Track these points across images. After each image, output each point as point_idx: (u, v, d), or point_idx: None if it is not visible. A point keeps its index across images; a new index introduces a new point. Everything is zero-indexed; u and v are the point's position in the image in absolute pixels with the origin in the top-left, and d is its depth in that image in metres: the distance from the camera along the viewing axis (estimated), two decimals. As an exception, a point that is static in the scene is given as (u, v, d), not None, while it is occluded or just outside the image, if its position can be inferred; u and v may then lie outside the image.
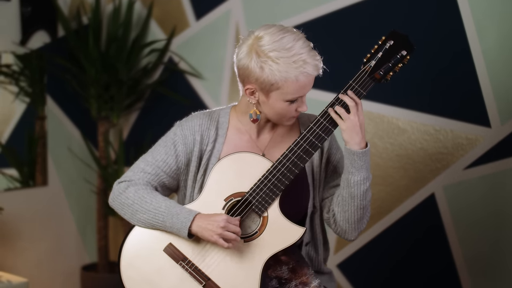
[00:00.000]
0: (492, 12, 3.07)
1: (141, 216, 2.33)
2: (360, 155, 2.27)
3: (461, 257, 3.25)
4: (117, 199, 2.39)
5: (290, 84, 2.23)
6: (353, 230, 2.39)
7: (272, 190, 2.27)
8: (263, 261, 2.27)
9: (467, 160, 3.19)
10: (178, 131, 2.43)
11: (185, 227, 2.26)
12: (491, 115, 3.10)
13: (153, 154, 2.43)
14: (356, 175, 2.29)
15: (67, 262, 4.48)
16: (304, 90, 2.27)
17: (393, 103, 3.36)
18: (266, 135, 2.44)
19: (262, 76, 2.24)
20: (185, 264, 2.30)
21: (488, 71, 3.08)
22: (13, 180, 4.22)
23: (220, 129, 2.43)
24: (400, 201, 3.39)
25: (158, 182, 2.41)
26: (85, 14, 4.39)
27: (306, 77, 2.24)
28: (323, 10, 3.54)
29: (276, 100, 2.27)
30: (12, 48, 4.12)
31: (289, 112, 2.31)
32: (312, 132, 2.28)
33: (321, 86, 3.49)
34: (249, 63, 2.26)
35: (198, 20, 4.10)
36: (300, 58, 2.22)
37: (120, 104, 4.30)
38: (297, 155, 2.27)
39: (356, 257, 3.58)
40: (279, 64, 2.21)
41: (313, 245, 2.48)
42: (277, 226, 2.27)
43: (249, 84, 2.29)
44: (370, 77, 2.29)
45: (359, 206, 2.33)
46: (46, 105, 4.30)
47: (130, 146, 4.42)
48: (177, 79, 4.23)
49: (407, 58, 2.31)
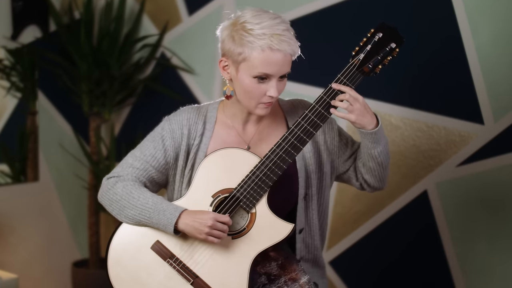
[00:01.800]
0: (485, 8, 3.06)
1: (128, 212, 2.32)
2: (376, 131, 2.31)
3: (453, 254, 3.25)
4: (106, 195, 2.38)
5: (256, 56, 2.22)
6: (385, 183, 2.49)
7: (260, 186, 2.25)
8: (251, 258, 2.26)
9: (460, 157, 3.18)
10: (166, 125, 2.42)
11: (171, 223, 2.25)
12: (484, 112, 3.10)
13: (141, 149, 2.42)
14: (377, 147, 2.34)
15: (58, 258, 4.46)
16: (271, 68, 2.23)
17: (386, 99, 3.35)
18: (252, 128, 2.42)
19: (232, 45, 2.25)
20: (172, 262, 2.29)
21: (482, 68, 3.07)
22: (4, 176, 4.20)
23: (208, 123, 2.42)
24: (393, 198, 3.38)
25: (147, 177, 2.40)
26: (77, 9, 4.37)
27: (273, 52, 2.22)
28: (315, 6, 3.53)
29: (244, 74, 2.26)
30: (3, 43, 4.10)
31: (257, 92, 2.27)
32: (300, 127, 2.26)
33: (311, 82, 3.48)
34: (225, 35, 2.29)
35: (190, 16, 4.09)
36: (270, 31, 2.22)
37: (112, 99, 4.28)
38: (285, 150, 2.25)
39: (348, 254, 3.57)
40: (249, 34, 2.22)
41: (309, 230, 2.46)
42: (265, 222, 2.27)
43: (223, 57, 2.31)
44: (358, 71, 2.27)
45: (386, 165, 2.42)
46: (38, 100, 4.28)
47: (121, 142, 4.41)
48: (169, 74, 4.21)
49: (396, 51, 2.28)
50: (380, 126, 2.31)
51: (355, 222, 3.52)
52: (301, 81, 3.53)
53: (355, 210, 3.51)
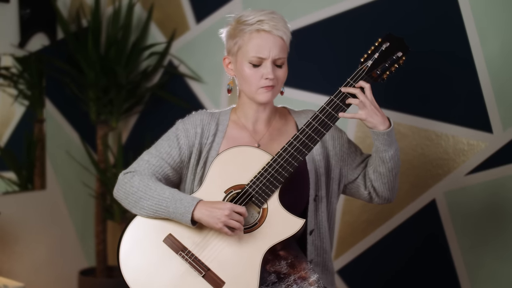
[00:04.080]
0: (495, 18, 3.05)
1: (145, 203, 2.35)
2: (389, 133, 2.35)
3: (462, 263, 3.23)
4: (122, 189, 2.43)
5: (247, 40, 2.36)
6: (394, 194, 2.52)
7: (271, 182, 2.31)
8: (263, 252, 2.30)
9: (468, 166, 3.17)
10: (180, 126, 2.50)
11: (189, 211, 2.28)
12: (493, 120, 3.08)
13: (156, 148, 2.49)
14: (389, 150, 2.39)
15: (65, 266, 4.46)
16: (262, 50, 2.35)
17: (394, 107, 3.34)
18: (263, 128, 2.50)
19: (230, 40, 2.42)
20: (184, 255, 2.31)
21: (490, 76, 3.06)
22: (12, 184, 4.20)
23: (220, 125, 2.50)
24: (401, 207, 3.37)
25: (162, 174, 2.46)
26: (84, 17, 4.38)
27: (260, 34, 2.35)
28: (322, 15, 3.52)
29: (242, 63, 2.39)
30: (11, 51, 4.10)
31: (254, 77, 2.38)
32: (311, 127, 2.33)
33: (316, 89, 3.48)
34: (226, 35, 2.45)
35: (198, 24, 4.09)
36: (259, 18, 2.36)
37: (119, 107, 4.28)
38: (296, 148, 2.32)
39: (357, 263, 3.56)
40: (242, 24, 2.38)
41: (318, 233, 2.50)
42: (276, 217, 2.31)
43: (226, 54, 2.46)
44: (367, 75, 2.35)
45: (396, 173, 2.46)
46: (45, 108, 4.28)
47: (129, 150, 4.40)
48: (177, 82, 4.21)
49: (403, 59, 2.38)
50: (392, 128, 2.36)
51: (363, 231, 3.51)
52: (309, 89, 3.53)
53: (363, 219, 3.50)
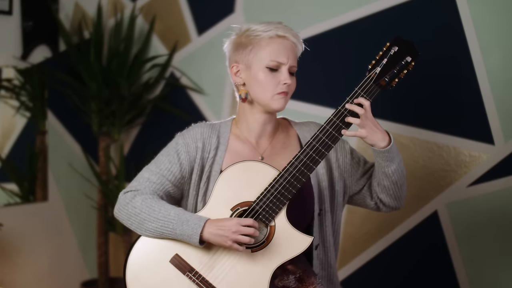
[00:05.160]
0: (496, 29, 3.05)
1: (150, 225, 2.31)
2: (389, 149, 2.32)
3: (464, 274, 3.23)
4: (124, 209, 2.38)
5: (265, 45, 2.33)
6: (401, 202, 2.50)
7: (279, 199, 2.26)
8: (271, 271, 2.26)
9: (470, 178, 3.17)
10: (180, 140, 2.44)
11: (196, 233, 2.24)
12: (494, 132, 3.09)
13: (157, 164, 2.43)
14: (391, 165, 2.36)
15: (67, 278, 4.45)
16: (281, 54, 2.33)
17: (396, 119, 3.34)
18: (265, 142, 2.45)
19: (241, 48, 2.37)
20: (192, 275, 2.28)
21: (492, 88, 3.07)
22: (13, 195, 4.20)
23: (222, 138, 2.44)
24: (403, 218, 3.37)
25: (164, 191, 2.40)
26: (86, 29, 4.39)
27: (280, 38, 2.34)
28: (323, 27, 3.53)
29: (257, 69, 2.35)
30: (13, 63, 4.11)
31: (271, 83, 2.34)
32: (318, 140, 2.27)
33: (320, 102, 3.48)
34: (232, 45, 2.42)
35: (200, 36, 4.10)
36: (274, 25, 2.35)
37: (121, 119, 4.28)
38: (304, 163, 2.27)
39: (359, 274, 3.55)
40: (255, 31, 2.35)
41: (323, 247, 2.47)
42: (284, 235, 2.27)
43: (233, 62, 2.41)
44: (376, 84, 2.29)
45: (401, 184, 2.43)
46: (47, 120, 4.28)
47: (131, 162, 4.40)
48: (179, 94, 4.22)
49: (412, 65, 2.31)
50: (393, 144, 2.33)
51: (366, 242, 3.50)
52: (315, 102, 3.53)
53: (365, 231, 3.49)
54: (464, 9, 3.12)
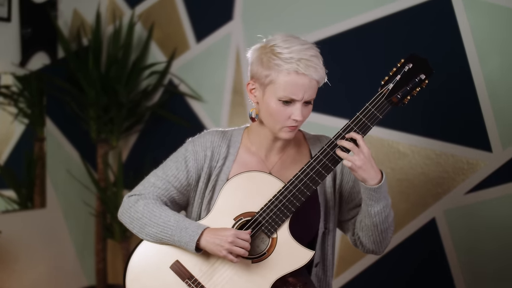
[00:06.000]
0: (494, 37, 3.07)
1: (150, 230, 2.32)
2: (376, 189, 2.25)
3: (462, 281, 3.23)
4: (127, 213, 2.38)
5: (282, 79, 2.22)
6: (380, 248, 2.40)
7: (282, 211, 2.24)
8: (270, 283, 2.25)
9: (468, 185, 3.18)
10: (190, 147, 2.42)
11: (193, 240, 2.24)
12: (492, 139, 3.10)
13: (164, 169, 2.42)
14: (375, 206, 2.28)
15: (65, 284, 4.45)
16: (296, 91, 2.22)
17: (394, 127, 3.35)
18: (275, 157, 2.41)
19: (260, 68, 2.26)
20: (191, 283, 2.28)
21: (490, 95, 3.08)
22: (11, 202, 4.20)
23: (232, 148, 2.42)
24: (401, 225, 3.37)
25: (168, 197, 2.40)
26: (85, 36, 4.39)
27: (298, 76, 2.21)
28: (324, 33, 3.55)
29: (270, 96, 2.26)
30: (12, 69, 4.11)
31: (282, 115, 2.26)
32: (325, 154, 2.24)
33: (334, 113, 3.49)
34: (254, 58, 2.30)
35: (198, 43, 4.10)
36: (298, 56, 2.22)
37: (120, 126, 4.28)
38: (310, 177, 2.24)
39: (357, 282, 3.56)
40: (278, 58, 2.23)
41: (322, 266, 2.46)
42: (286, 248, 2.26)
43: (251, 79, 2.32)
44: (387, 100, 2.25)
45: (382, 230, 2.33)
46: (45, 127, 4.29)
47: (129, 169, 4.41)
48: (177, 101, 4.22)
49: (425, 82, 2.26)
50: (382, 185, 2.26)
51: (363, 250, 3.51)
52: (328, 112, 3.54)
53: (363, 238, 3.50)
54: (462, 18, 3.13)
